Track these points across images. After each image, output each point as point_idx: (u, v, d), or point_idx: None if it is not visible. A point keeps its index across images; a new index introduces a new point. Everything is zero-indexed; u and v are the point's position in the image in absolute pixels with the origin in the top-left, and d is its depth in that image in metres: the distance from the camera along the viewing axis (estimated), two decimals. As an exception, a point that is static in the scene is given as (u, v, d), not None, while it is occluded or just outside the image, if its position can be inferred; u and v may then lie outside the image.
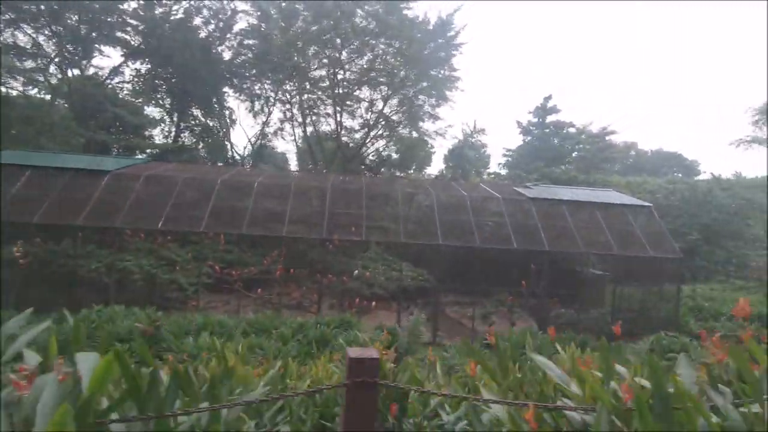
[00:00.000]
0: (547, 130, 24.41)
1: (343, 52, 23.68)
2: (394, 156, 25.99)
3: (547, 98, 24.40)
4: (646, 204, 14.86)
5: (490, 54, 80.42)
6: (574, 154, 24.62)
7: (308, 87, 26.01)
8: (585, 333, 12.61)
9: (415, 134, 25.54)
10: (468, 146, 23.47)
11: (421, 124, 25.62)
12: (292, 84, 25.72)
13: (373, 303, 14.33)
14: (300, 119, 25.97)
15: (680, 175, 39.48)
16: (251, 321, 9.41)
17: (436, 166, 28.67)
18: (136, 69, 25.73)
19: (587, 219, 14.60)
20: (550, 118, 24.46)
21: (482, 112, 72.72)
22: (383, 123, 26.39)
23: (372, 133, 27.17)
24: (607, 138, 26.95)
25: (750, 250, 21.04)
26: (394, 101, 26.68)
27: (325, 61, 25.40)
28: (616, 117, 73.13)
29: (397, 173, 28.85)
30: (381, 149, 26.62)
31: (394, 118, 26.26)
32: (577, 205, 14.92)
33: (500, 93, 76.10)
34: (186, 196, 13.43)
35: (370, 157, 25.25)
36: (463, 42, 22.46)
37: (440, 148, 34.79)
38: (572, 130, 25.36)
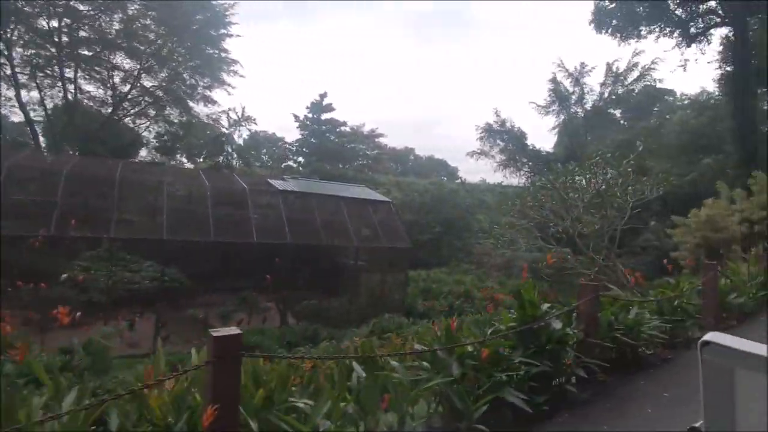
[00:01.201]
0: (324, 127, 25.11)
1: (81, 4, 18.92)
2: (158, 139, 22.37)
3: (323, 95, 25.16)
4: (387, 200, 16.09)
5: (273, 45, 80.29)
6: (353, 154, 25.98)
7: (34, 39, 19.91)
8: (325, 322, 12.70)
9: (185, 117, 22.53)
10: (236, 135, 22.06)
11: (192, 105, 22.77)
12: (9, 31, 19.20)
13: (78, 313, 11.40)
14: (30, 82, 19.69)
15: (445, 178, 46.59)
16: None
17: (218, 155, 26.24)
18: None
19: (334, 212, 14.84)
20: (325, 116, 25.22)
21: (263, 102, 71.89)
22: (145, 99, 22.44)
23: (133, 110, 22.79)
24: (377, 140, 29.59)
25: (476, 240, 25.90)
26: (161, 75, 22.98)
27: (59, 9, 19.85)
28: (383, 122, 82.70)
29: (168, 160, 25.06)
30: (142, 130, 22.59)
31: (160, 95, 22.60)
32: (326, 199, 15.05)
33: (280, 84, 76.70)
34: None
35: (128, 139, 21.07)
36: (235, 22, 20.79)
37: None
38: (347, 129, 26.79)
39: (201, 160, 23.66)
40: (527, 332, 2.83)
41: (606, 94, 24.81)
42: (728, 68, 18.57)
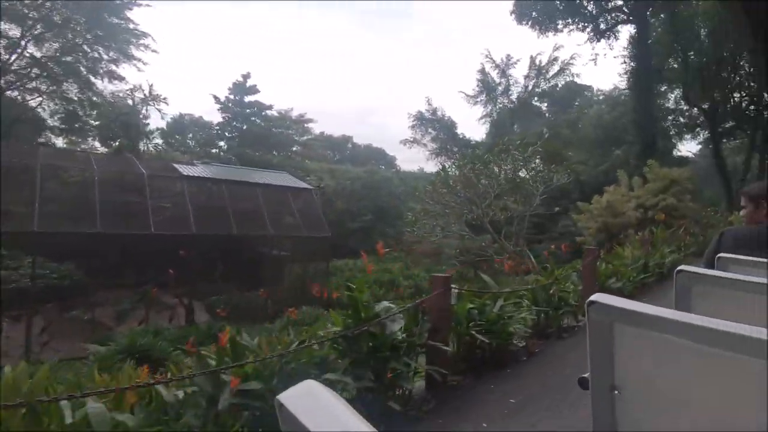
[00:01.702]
0: (248, 110, 23.54)
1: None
2: (54, 117, 19.68)
3: (246, 76, 23.47)
4: (308, 187, 15.32)
5: (205, 24, 75.12)
6: (281, 140, 24.58)
7: None
8: (238, 317, 11.76)
9: (86, 94, 19.95)
10: (140, 115, 19.95)
11: (95, 81, 20.21)
12: None
13: None
14: None
15: (383, 167, 46.25)
16: None
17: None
18: None
19: (248, 200, 13.78)
20: (249, 98, 23.64)
21: (191, 83, 67.05)
22: (34, 71, 19.53)
23: (20, 84, 19.76)
24: (306, 125, 28.42)
25: (407, 228, 25.87)
26: (55, 46, 20.11)
27: None
28: (320, 110, 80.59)
29: (71, 143, 22.14)
30: (35, 107, 19.72)
31: (54, 67, 19.78)
32: (240, 186, 13.93)
33: (211, 66, 71.76)
34: None
35: (14, 115, 18.23)
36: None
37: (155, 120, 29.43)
38: (273, 113, 25.40)
39: (116, 144, 21.21)
40: (351, 339, 2.36)
41: (530, 87, 25.59)
42: (632, 64, 19.78)
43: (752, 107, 20.97)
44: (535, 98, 28.49)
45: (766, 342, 0.76)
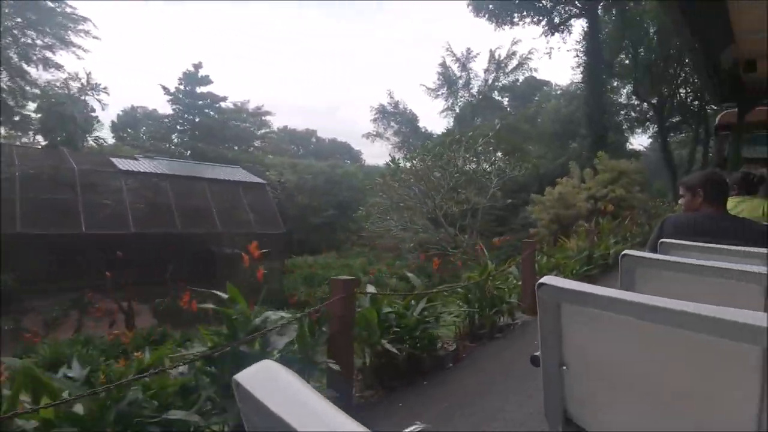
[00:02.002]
0: (200, 102, 22.34)
1: None
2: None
3: (198, 66, 22.20)
4: (261, 181, 14.61)
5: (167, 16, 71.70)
6: (237, 134, 23.48)
7: None
8: (183, 321, 10.97)
9: (17, 82, 18.25)
10: (83, 106, 18.51)
11: (27, 67, 18.51)
12: None
13: None
14: None
15: (349, 161, 45.55)
16: None
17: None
18: None
19: (195, 196, 12.94)
20: (202, 89, 22.44)
21: (146, 75, 63.78)
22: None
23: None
24: (263, 118, 27.43)
25: (370, 222, 25.46)
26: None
27: None
28: (285, 104, 78.65)
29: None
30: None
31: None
32: (185, 182, 13.07)
33: (168, 58, 68.33)
34: None
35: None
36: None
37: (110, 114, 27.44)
38: (229, 105, 24.29)
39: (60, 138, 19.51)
40: (216, 360, 1.93)
41: (491, 81, 25.66)
42: (584, 58, 20.12)
43: (696, 102, 21.86)
44: (496, 92, 28.68)
45: (702, 316, 0.82)
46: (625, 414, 1.07)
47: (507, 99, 33.78)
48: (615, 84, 25.66)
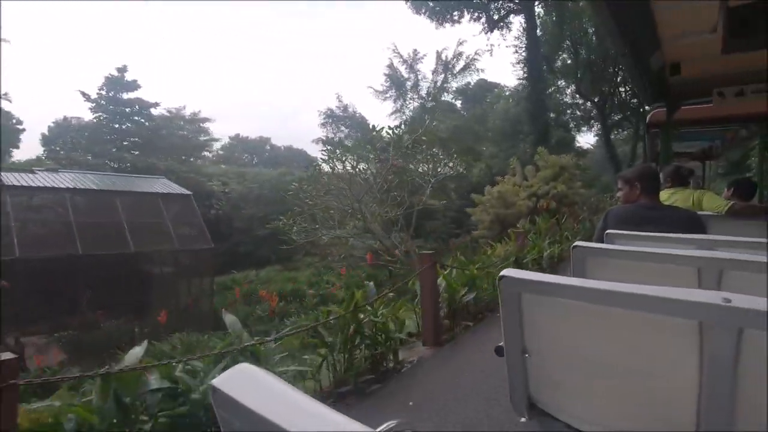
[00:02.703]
0: (128, 109, 20.37)
1: None
2: None
3: (123, 70, 20.20)
4: (186, 193, 13.15)
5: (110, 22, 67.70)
6: (172, 142, 21.53)
7: None
8: (91, 353, 9.41)
9: None
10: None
11: None
12: None
13: None
14: None
15: (307, 167, 43.86)
16: None
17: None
18: None
19: (104, 212, 11.34)
20: (129, 95, 20.49)
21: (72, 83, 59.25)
22: None
23: None
24: (202, 125, 25.65)
25: (323, 231, 24.26)
26: None
27: None
28: (237, 112, 75.40)
29: None
30: None
31: None
32: (92, 196, 11.45)
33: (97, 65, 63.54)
34: None
35: None
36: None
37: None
38: (163, 111, 22.39)
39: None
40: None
41: (439, 82, 25.20)
42: (524, 54, 19.94)
43: (635, 101, 22.26)
44: (448, 94, 28.37)
45: (646, 296, 0.91)
46: (585, 394, 1.13)
47: (460, 101, 33.95)
48: (560, 84, 26.02)
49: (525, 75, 20.03)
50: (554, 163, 12.18)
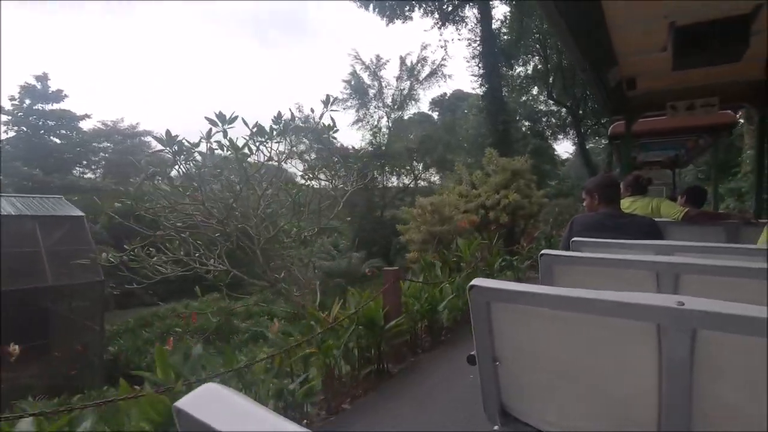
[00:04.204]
0: (51, 122, 18.10)
1: None
2: None
3: (43, 78, 17.98)
4: (78, 214, 10.83)
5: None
6: (106, 158, 19.34)
7: None
8: None
9: None
10: None
11: None
12: None
13: None
14: None
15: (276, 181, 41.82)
16: None
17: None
18: None
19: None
20: (52, 106, 18.23)
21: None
22: None
23: None
24: (142, 138, 23.31)
25: (281, 251, 22.00)
26: None
27: None
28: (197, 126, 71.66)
29: None
30: None
31: None
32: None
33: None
34: None
35: None
36: None
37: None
38: (97, 125, 20.09)
39: None
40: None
41: (406, 90, 23.35)
42: (479, 48, 18.20)
43: (608, 107, 20.68)
44: (416, 103, 26.74)
45: (608, 302, 0.93)
46: (553, 399, 1.15)
47: (437, 113, 33.04)
48: (534, 92, 24.63)
49: (481, 71, 18.22)
50: (505, 167, 9.95)
